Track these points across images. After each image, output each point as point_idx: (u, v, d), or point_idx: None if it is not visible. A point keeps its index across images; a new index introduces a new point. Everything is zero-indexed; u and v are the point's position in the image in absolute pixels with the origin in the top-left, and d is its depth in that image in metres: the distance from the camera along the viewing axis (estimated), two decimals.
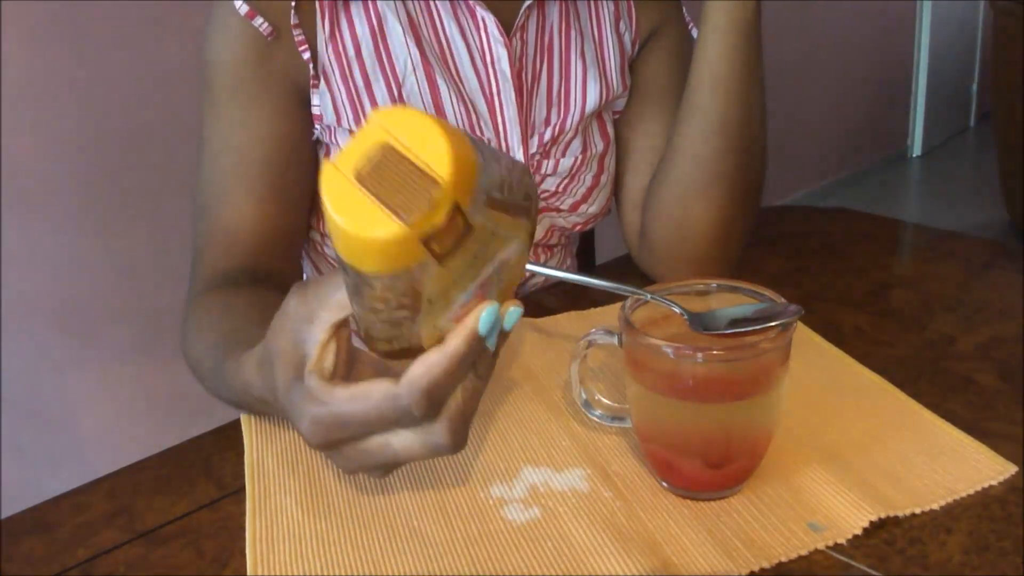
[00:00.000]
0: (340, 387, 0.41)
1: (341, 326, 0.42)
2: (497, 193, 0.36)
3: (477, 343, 0.39)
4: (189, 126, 0.75)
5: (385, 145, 0.33)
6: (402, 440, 0.42)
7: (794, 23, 3.19)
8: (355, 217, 0.33)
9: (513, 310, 0.41)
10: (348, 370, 0.44)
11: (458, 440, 0.41)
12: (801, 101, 3.34)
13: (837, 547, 0.48)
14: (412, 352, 0.40)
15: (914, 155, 4.21)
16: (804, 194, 3.57)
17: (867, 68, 3.79)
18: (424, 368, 0.39)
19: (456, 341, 0.39)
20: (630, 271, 0.85)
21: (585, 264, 1.11)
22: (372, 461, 0.43)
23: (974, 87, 4.50)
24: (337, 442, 0.42)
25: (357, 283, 0.36)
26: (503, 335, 0.42)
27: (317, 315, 0.42)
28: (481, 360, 0.41)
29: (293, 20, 0.70)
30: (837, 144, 3.75)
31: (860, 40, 3.68)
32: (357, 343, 0.44)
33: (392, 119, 0.33)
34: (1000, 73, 3.03)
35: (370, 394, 0.40)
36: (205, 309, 0.67)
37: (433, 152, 0.33)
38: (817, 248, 0.91)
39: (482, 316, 0.39)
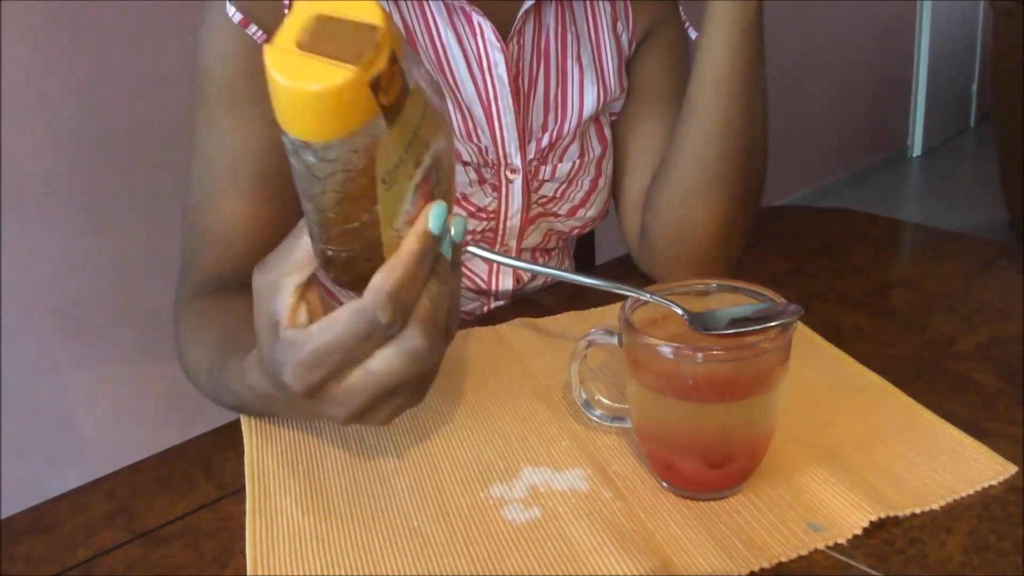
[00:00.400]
0: (312, 325, 0.42)
1: (307, 287, 0.44)
2: (418, 67, 0.38)
3: (431, 241, 0.41)
4: (189, 127, 0.75)
5: (318, 15, 0.35)
6: (380, 361, 0.43)
7: (794, 23, 3.19)
8: (306, 77, 0.34)
9: (458, 219, 0.43)
10: None
11: (434, 343, 0.42)
12: (801, 101, 3.34)
13: (837, 547, 0.48)
14: (371, 274, 0.41)
15: (914, 155, 4.21)
16: (804, 194, 3.57)
17: (867, 68, 3.79)
18: (383, 273, 0.40)
19: (410, 240, 0.41)
20: (630, 271, 0.85)
21: (585, 264, 1.11)
22: (359, 399, 0.43)
23: (974, 87, 4.50)
24: (321, 384, 0.43)
25: (311, 169, 0.37)
26: (456, 247, 0.43)
27: (280, 283, 0.43)
28: (440, 266, 0.42)
29: None
30: (837, 144, 3.75)
31: (860, 40, 3.68)
32: (322, 277, 0.44)
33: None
34: (1000, 73, 3.03)
35: (339, 317, 0.41)
36: (201, 313, 0.67)
37: (361, 9, 0.35)
38: (817, 248, 0.91)
39: (431, 213, 0.41)
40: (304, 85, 0.34)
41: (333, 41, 0.35)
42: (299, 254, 0.43)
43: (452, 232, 0.43)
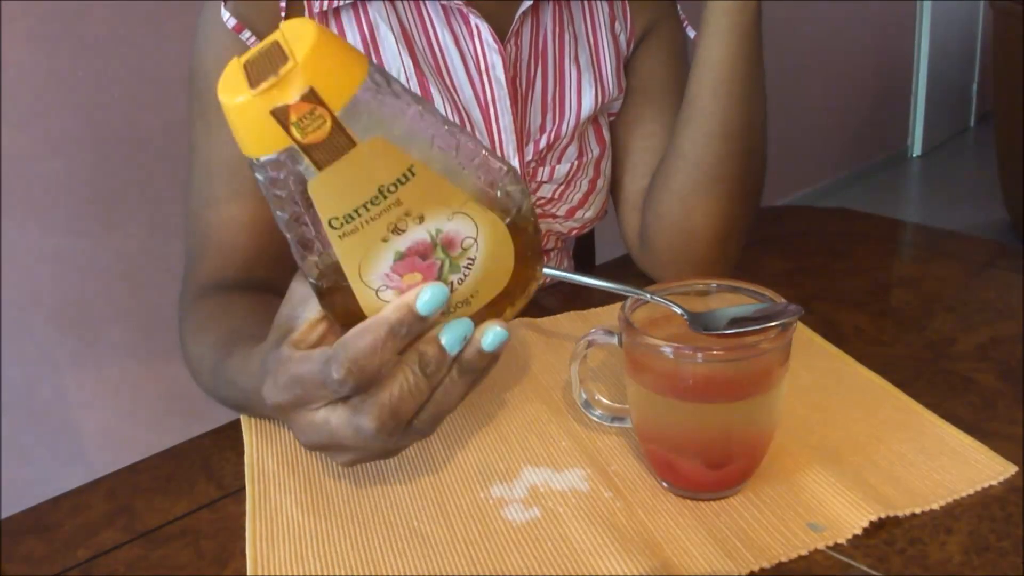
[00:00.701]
0: (300, 351, 0.43)
1: None
2: (416, 140, 0.38)
3: (411, 317, 0.40)
4: (187, 131, 0.75)
5: (273, 41, 0.37)
6: (338, 417, 0.42)
7: (794, 23, 3.19)
8: (225, 90, 0.37)
9: (497, 330, 0.42)
10: None
11: (387, 432, 0.41)
12: (801, 101, 3.34)
13: (837, 547, 0.48)
14: (354, 314, 0.41)
15: (914, 155, 4.21)
16: (804, 194, 3.56)
17: (867, 68, 3.79)
18: (355, 331, 0.40)
19: (387, 308, 0.40)
20: (630, 271, 0.84)
21: (585, 264, 1.11)
22: (316, 435, 0.43)
23: (974, 87, 4.50)
24: (289, 406, 0.43)
25: (257, 176, 0.39)
26: (481, 353, 0.42)
27: (310, 298, 0.44)
28: (430, 356, 0.41)
29: None
30: (837, 144, 3.75)
31: (860, 40, 3.68)
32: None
33: (292, 26, 0.37)
34: (1000, 73, 3.03)
35: (313, 355, 0.42)
36: (205, 312, 0.67)
37: (302, 43, 0.36)
38: (817, 248, 0.91)
39: (422, 290, 0.40)
40: (220, 95, 0.37)
41: (260, 67, 0.37)
42: None
43: (484, 342, 0.42)
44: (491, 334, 0.43)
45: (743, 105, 0.71)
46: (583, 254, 1.11)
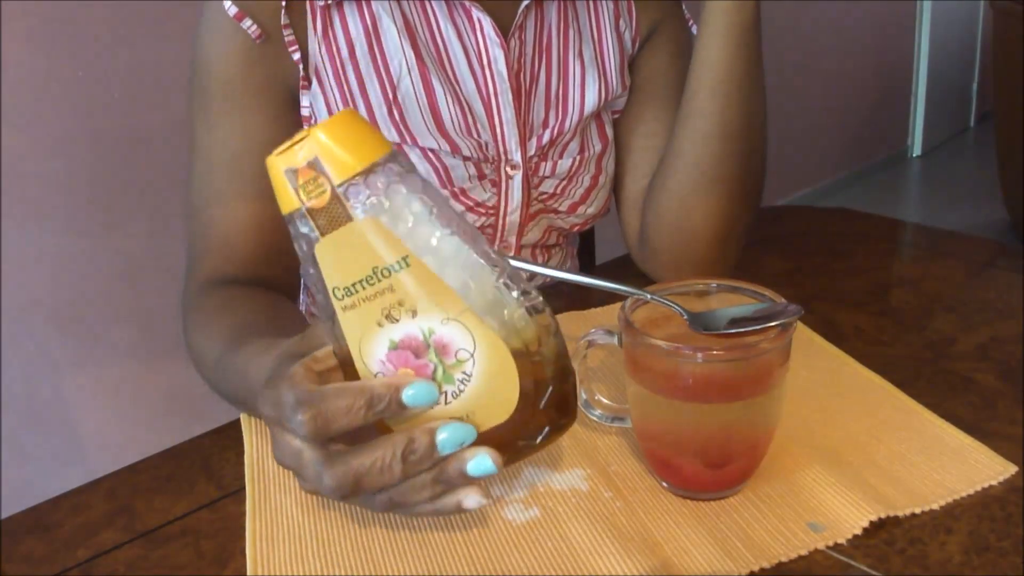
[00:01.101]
0: (301, 374, 0.43)
1: None
2: (417, 234, 0.40)
3: (395, 403, 0.41)
4: (187, 125, 0.75)
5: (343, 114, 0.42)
6: (310, 455, 0.43)
7: (794, 23, 3.19)
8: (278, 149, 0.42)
9: (486, 461, 0.41)
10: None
11: (339, 490, 0.41)
12: (801, 101, 3.34)
13: (837, 547, 0.48)
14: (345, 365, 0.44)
15: (914, 155, 4.21)
16: (804, 194, 3.56)
17: (867, 68, 3.79)
18: (336, 387, 0.41)
19: (378, 381, 0.41)
20: (630, 271, 0.85)
21: (585, 264, 1.11)
22: (286, 458, 0.44)
23: (974, 87, 4.50)
24: (272, 420, 0.44)
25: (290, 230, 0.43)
26: (461, 472, 0.42)
27: None
28: (418, 446, 0.41)
29: (283, 20, 0.70)
30: (837, 144, 3.74)
31: (860, 40, 3.68)
32: None
33: (340, 113, 0.42)
34: (1000, 73, 3.03)
35: (298, 380, 0.42)
36: (209, 307, 0.67)
37: (327, 120, 0.41)
38: (817, 248, 0.91)
39: (413, 382, 0.41)
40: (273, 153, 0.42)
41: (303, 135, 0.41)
42: None
43: (468, 464, 0.42)
44: (478, 461, 0.42)
45: (741, 105, 0.71)
46: (583, 254, 1.12)
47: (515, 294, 0.42)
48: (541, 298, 0.44)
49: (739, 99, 0.70)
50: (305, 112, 0.73)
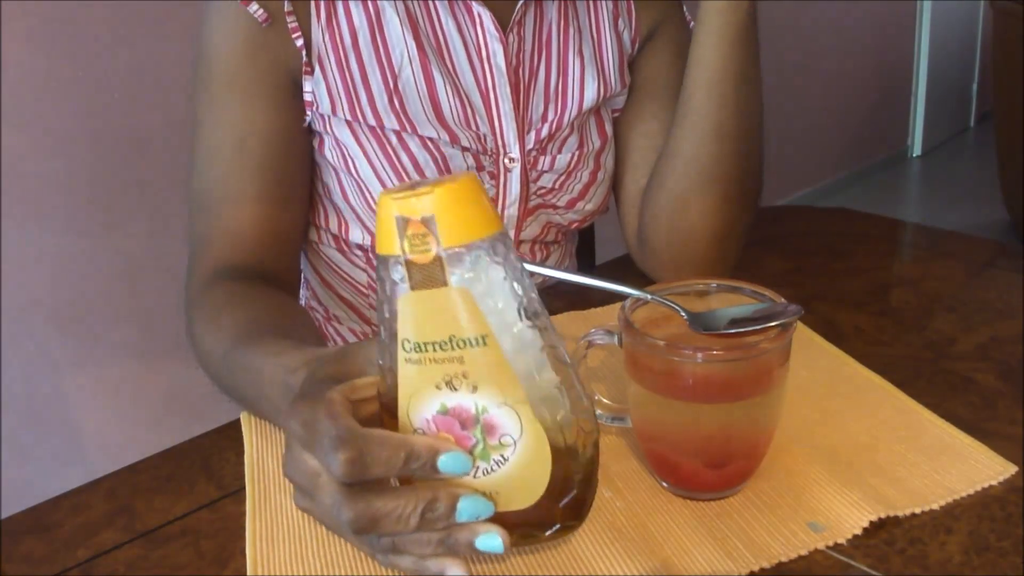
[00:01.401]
0: (339, 401, 0.43)
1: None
2: (502, 318, 0.41)
3: (429, 465, 0.41)
4: (189, 127, 0.75)
5: (447, 175, 0.42)
6: (329, 483, 0.43)
7: (794, 23, 3.19)
8: (390, 188, 0.42)
9: (496, 540, 0.42)
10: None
11: (353, 525, 0.42)
12: (801, 101, 3.34)
13: (837, 547, 0.48)
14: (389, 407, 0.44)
15: (914, 155, 4.21)
16: (804, 194, 3.56)
17: (867, 68, 3.79)
18: (379, 437, 0.41)
19: (419, 441, 0.41)
20: (630, 271, 0.85)
21: (585, 264, 1.11)
22: (299, 476, 0.44)
23: (974, 87, 4.50)
24: (294, 436, 0.44)
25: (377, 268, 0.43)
26: (469, 543, 0.42)
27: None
28: (439, 506, 0.42)
29: (287, 7, 0.70)
30: (837, 144, 3.75)
31: (860, 40, 3.68)
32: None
33: (466, 173, 0.42)
34: (1000, 73, 3.03)
35: (337, 412, 0.42)
36: (216, 300, 0.67)
37: (454, 182, 0.41)
38: (817, 248, 0.91)
39: (450, 450, 0.42)
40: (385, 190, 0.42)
41: (423, 185, 0.41)
42: None
43: (477, 538, 0.42)
44: (489, 538, 0.43)
45: (737, 106, 0.71)
46: (583, 254, 1.11)
47: (572, 399, 0.43)
48: (594, 408, 0.45)
49: (735, 99, 0.70)
50: (307, 98, 0.73)
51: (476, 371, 0.41)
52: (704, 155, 0.72)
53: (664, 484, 0.54)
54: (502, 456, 0.43)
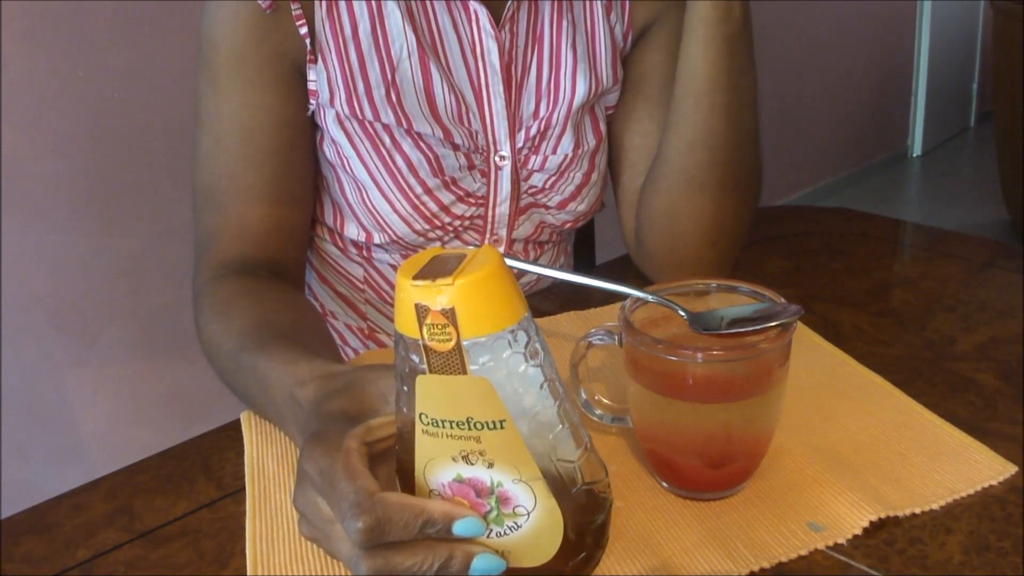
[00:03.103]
0: (357, 449, 0.44)
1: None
2: (521, 405, 0.41)
3: (445, 529, 0.42)
4: (189, 126, 0.74)
5: (463, 253, 0.42)
6: (337, 529, 0.43)
7: (794, 23, 3.19)
8: (406, 265, 0.42)
9: None
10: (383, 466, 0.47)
11: (370, 571, 0.42)
12: (801, 101, 3.34)
13: (837, 547, 0.48)
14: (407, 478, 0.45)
15: (914, 155, 4.21)
16: (804, 194, 3.56)
17: (867, 68, 3.79)
18: (398, 502, 0.41)
19: (436, 506, 0.42)
20: (630, 271, 0.84)
21: (585, 264, 1.11)
22: (312, 514, 0.45)
23: (974, 87, 4.50)
24: (303, 476, 0.45)
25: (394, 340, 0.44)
26: None
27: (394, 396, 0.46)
28: (454, 564, 0.42)
29: None
30: (837, 144, 3.75)
31: (860, 40, 3.68)
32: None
33: (486, 251, 0.42)
34: (1000, 73, 3.03)
35: (358, 480, 0.42)
36: (226, 295, 0.67)
37: (475, 270, 0.40)
38: (817, 248, 0.91)
39: (466, 516, 0.42)
40: (401, 267, 0.42)
41: (441, 267, 0.41)
42: None
43: None
44: None
45: (725, 115, 0.70)
46: (583, 254, 1.11)
47: (588, 472, 0.44)
48: (607, 483, 0.47)
49: (724, 108, 0.69)
50: (311, 87, 0.73)
51: (492, 450, 0.42)
52: (693, 163, 0.72)
53: (664, 484, 0.54)
54: (515, 523, 0.43)
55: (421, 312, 0.40)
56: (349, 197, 0.77)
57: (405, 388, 0.43)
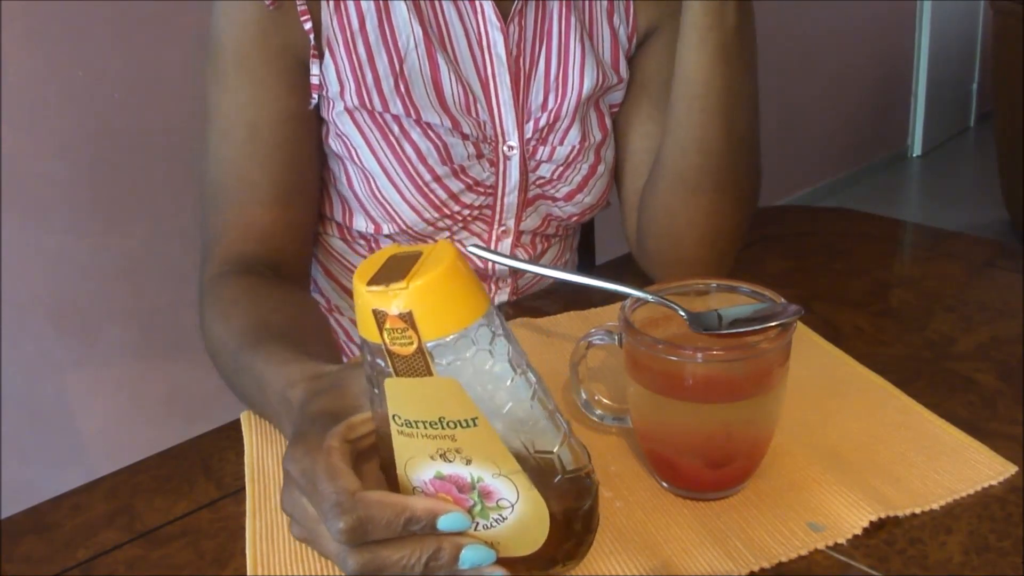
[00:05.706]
0: (339, 449, 0.43)
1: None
2: (492, 401, 0.41)
3: (430, 525, 0.42)
4: (189, 126, 0.75)
5: (418, 251, 0.41)
6: (324, 529, 0.43)
7: (794, 23, 3.19)
8: (362, 269, 0.41)
9: None
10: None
11: (357, 570, 0.42)
12: (801, 101, 3.34)
13: (837, 547, 0.48)
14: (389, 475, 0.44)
15: (914, 155, 4.21)
16: (804, 194, 3.56)
17: (867, 68, 3.79)
18: (379, 500, 0.41)
19: (419, 502, 0.42)
20: (630, 271, 0.85)
21: (585, 264, 1.11)
22: (298, 514, 0.44)
23: (974, 87, 4.50)
24: (289, 478, 0.45)
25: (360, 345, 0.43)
26: None
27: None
28: (443, 555, 0.42)
29: None
30: (837, 144, 3.74)
31: (860, 40, 3.68)
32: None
33: (440, 248, 0.41)
34: (1000, 73, 3.03)
35: (339, 480, 0.42)
36: (230, 293, 0.68)
37: (428, 270, 0.39)
38: (817, 248, 0.91)
39: (450, 511, 0.42)
40: (356, 272, 0.41)
41: (395, 270, 0.40)
42: None
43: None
44: None
45: (720, 120, 0.69)
46: (583, 254, 1.11)
47: (570, 459, 0.44)
48: (591, 468, 0.46)
49: (720, 114, 0.69)
50: (315, 81, 0.74)
51: (469, 448, 0.41)
52: (686, 166, 0.72)
53: (664, 484, 0.54)
54: (500, 516, 0.43)
55: (379, 317, 0.39)
56: (357, 189, 0.78)
57: (376, 391, 0.42)
